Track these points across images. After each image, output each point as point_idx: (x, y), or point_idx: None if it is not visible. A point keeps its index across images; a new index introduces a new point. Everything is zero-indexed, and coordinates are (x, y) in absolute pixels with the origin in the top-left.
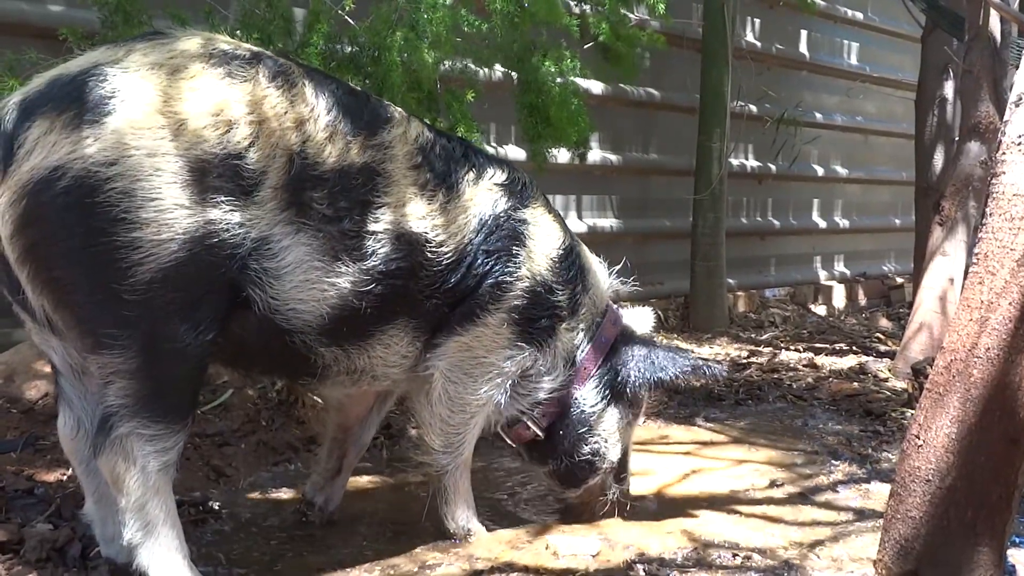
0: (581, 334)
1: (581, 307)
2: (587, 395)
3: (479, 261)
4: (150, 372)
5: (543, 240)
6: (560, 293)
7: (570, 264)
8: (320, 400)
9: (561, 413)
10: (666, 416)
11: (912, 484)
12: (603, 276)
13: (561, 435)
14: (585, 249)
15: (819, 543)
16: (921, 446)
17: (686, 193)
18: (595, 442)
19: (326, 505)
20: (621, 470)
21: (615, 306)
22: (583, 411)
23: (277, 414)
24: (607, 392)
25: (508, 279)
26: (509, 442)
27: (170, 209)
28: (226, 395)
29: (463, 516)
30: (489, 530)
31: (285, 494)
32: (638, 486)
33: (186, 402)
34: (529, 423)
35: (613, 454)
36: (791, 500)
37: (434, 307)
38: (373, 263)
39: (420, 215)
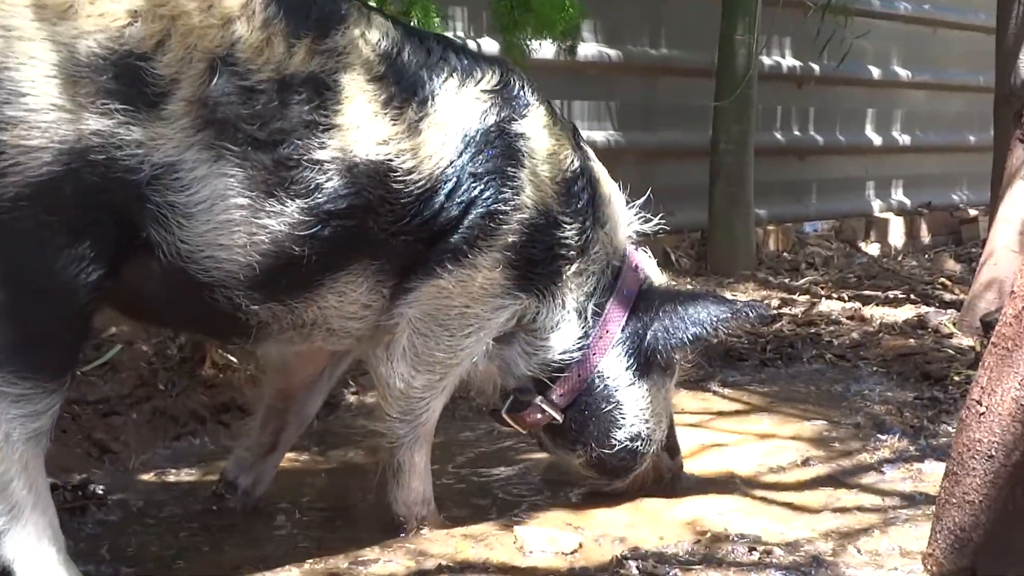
0: (594, 281)
1: (593, 246)
2: (613, 364)
3: (464, 187)
4: (16, 314)
5: (547, 159)
6: (568, 227)
7: (581, 190)
8: (233, 359)
9: (581, 389)
10: None
11: (971, 461)
12: (623, 210)
13: (586, 417)
14: (602, 171)
15: (857, 534)
16: (983, 414)
17: (705, 99)
18: (632, 424)
19: (253, 488)
20: (671, 443)
21: (635, 249)
22: (609, 386)
23: (178, 375)
24: (637, 359)
25: (503, 209)
26: (521, 429)
27: (44, 110)
28: (113, 351)
29: (417, 501)
30: (449, 519)
31: (189, 475)
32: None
33: (63, 356)
34: (544, 405)
35: (658, 433)
36: (825, 482)
37: (403, 246)
38: (318, 200)
39: (381, 139)
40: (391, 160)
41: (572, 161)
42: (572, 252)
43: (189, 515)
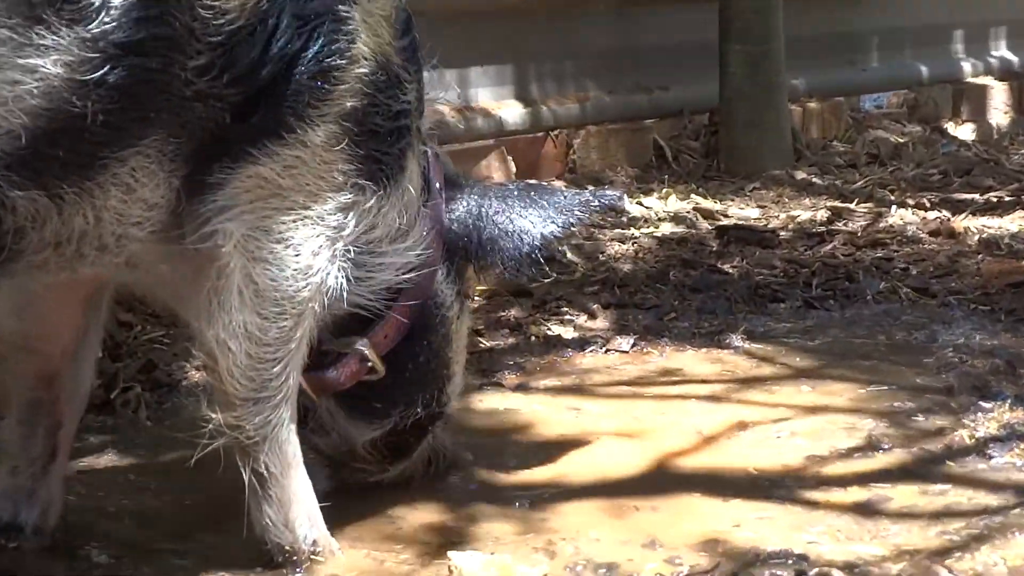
0: (418, 169)
1: (424, 121)
2: (443, 290)
3: (286, 33)
4: None
5: None
6: (409, 88)
7: (413, 37)
8: None
9: (413, 325)
10: (672, 332)
11: None
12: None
13: (413, 366)
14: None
15: (951, 550)
16: None
17: None
18: (456, 372)
19: (43, 520)
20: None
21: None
22: (442, 319)
23: None
24: (459, 281)
25: (336, 61)
26: (313, 395)
27: None
28: None
29: (298, 520)
30: (348, 543)
31: None
32: (621, 456)
33: None
34: (368, 352)
35: (457, 386)
36: (901, 475)
37: (208, 114)
38: (107, 26)
39: None
40: None
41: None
42: (414, 125)
43: None
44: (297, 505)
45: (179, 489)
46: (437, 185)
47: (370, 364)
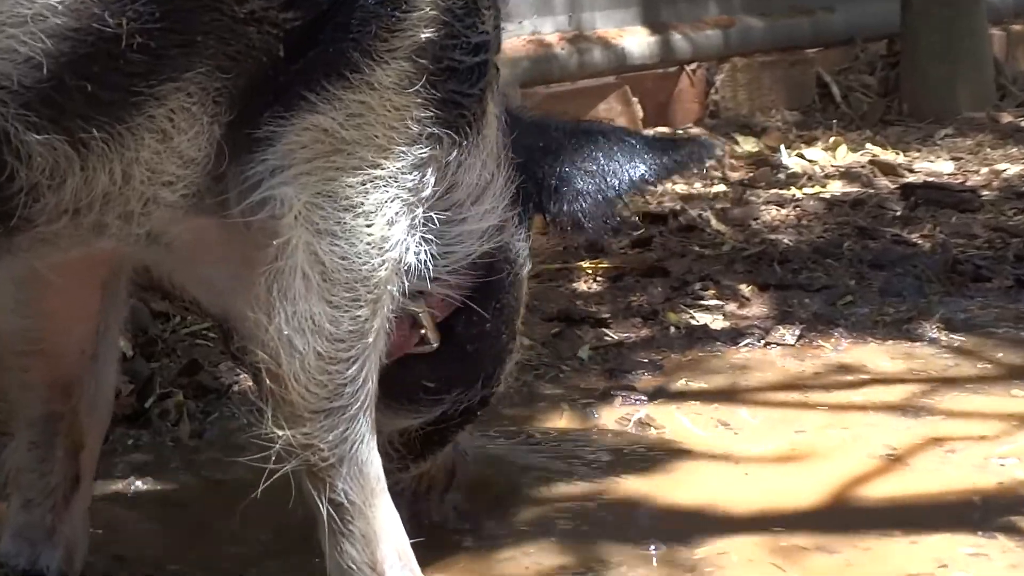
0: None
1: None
2: (516, 238)
3: None
4: None
5: None
6: (487, 16)
7: None
8: None
9: (484, 283)
10: (848, 321)
11: None
12: None
13: (480, 335)
14: None
15: None
16: None
17: None
18: (515, 342)
19: (68, 563)
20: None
21: None
22: (516, 276)
23: None
24: (528, 229)
25: None
26: None
27: None
28: None
29: (390, 560)
30: None
31: None
32: (785, 483)
33: None
34: (425, 319)
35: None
36: None
37: (261, 43)
38: None
39: None
40: None
41: None
42: (492, 59)
43: None
44: (385, 542)
45: (230, 529)
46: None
47: (423, 332)
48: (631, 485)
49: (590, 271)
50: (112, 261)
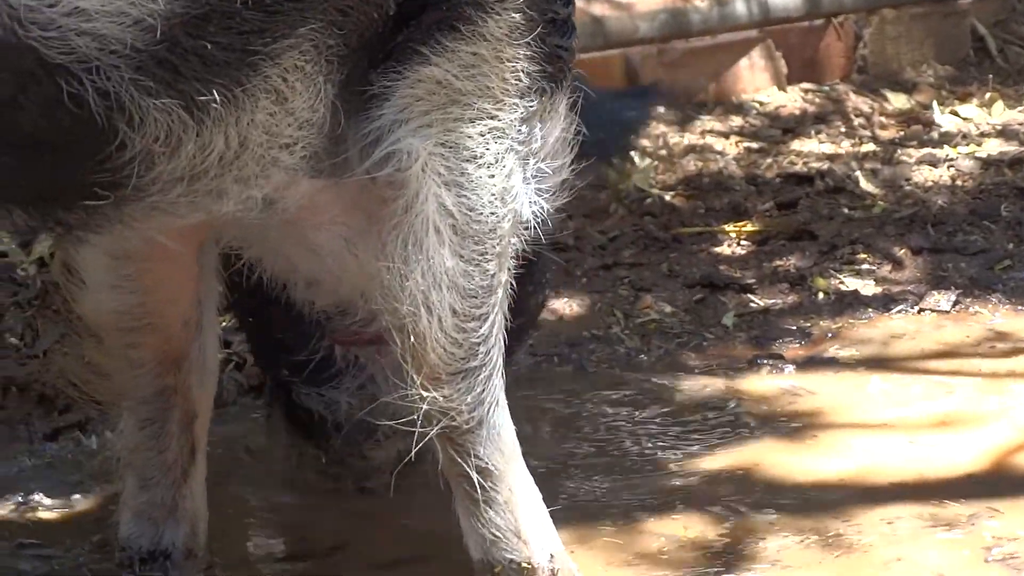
0: None
1: None
2: None
3: None
4: None
5: None
6: None
7: None
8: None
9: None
10: (1006, 286)
11: None
12: None
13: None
14: None
15: None
16: None
17: None
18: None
19: (193, 538)
20: None
21: None
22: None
23: (47, 318)
24: None
25: None
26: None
27: None
28: None
29: (534, 528)
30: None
31: (80, 509)
32: (942, 453)
33: None
34: None
35: None
36: None
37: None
38: None
39: None
40: None
41: None
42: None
43: None
44: (527, 507)
45: (365, 502)
46: None
47: None
48: (780, 455)
49: (734, 234)
50: (206, 232)
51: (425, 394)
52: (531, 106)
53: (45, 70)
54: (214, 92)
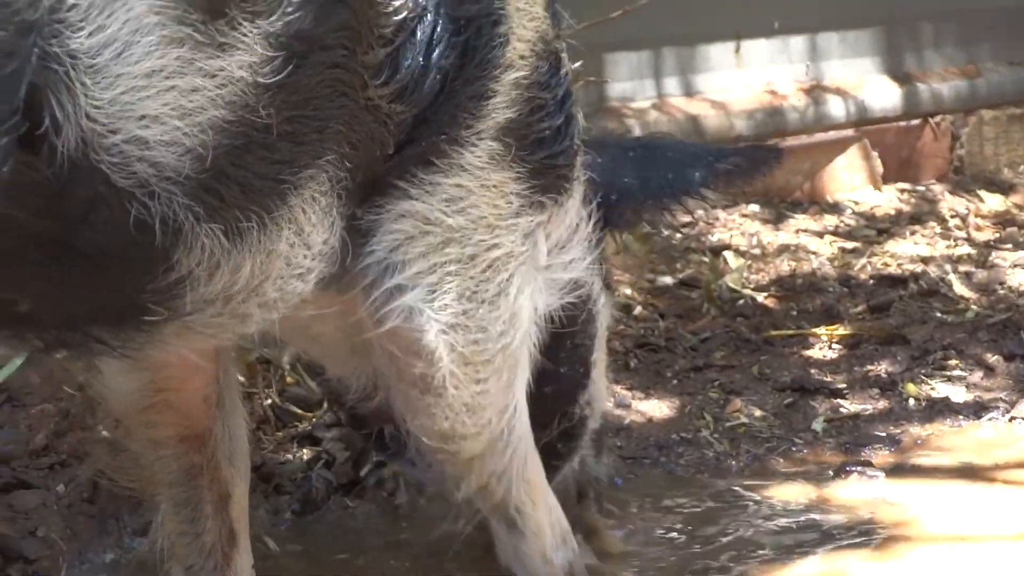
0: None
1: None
2: (591, 272)
3: (443, 38)
4: None
5: None
6: (563, 56)
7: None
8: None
9: (565, 315)
10: None
11: None
12: None
13: (554, 375)
14: None
15: None
16: None
17: None
18: (593, 380)
19: None
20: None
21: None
22: (591, 313)
23: None
24: (602, 258)
25: (490, 70)
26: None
27: None
28: (9, 367)
29: (554, 546)
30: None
31: None
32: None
33: None
34: None
35: (600, 399)
36: None
37: (376, 133)
38: (289, 18)
39: None
40: None
41: None
42: (574, 98)
43: None
44: (550, 532)
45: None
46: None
47: None
48: (866, 566)
49: (825, 338)
50: None
51: (459, 482)
52: (532, 221)
53: (112, 192)
54: (249, 220)
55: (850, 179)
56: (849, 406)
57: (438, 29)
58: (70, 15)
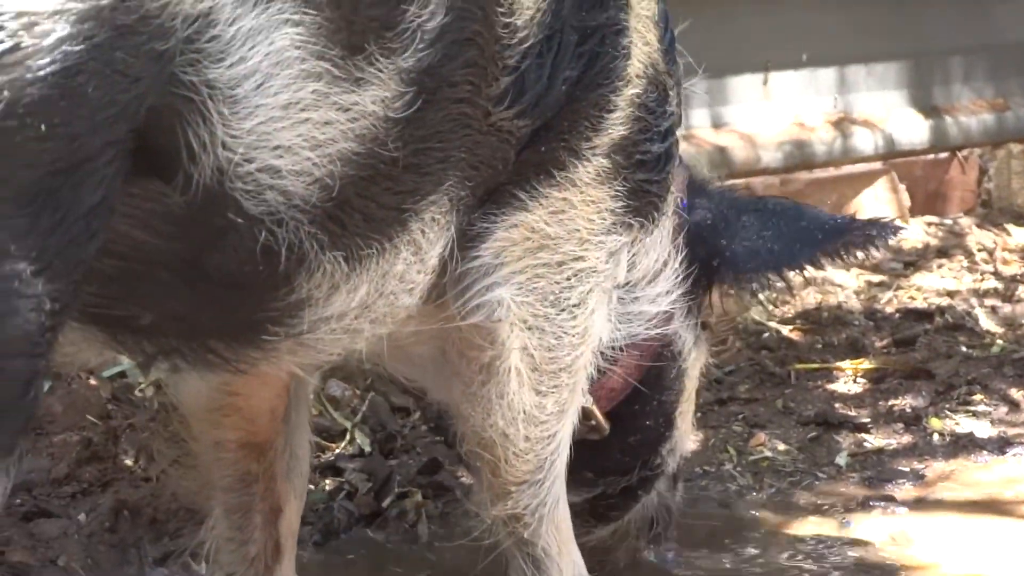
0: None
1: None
2: (683, 328)
3: (569, 48)
4: None
5: None
6: (673, 96)
7: (671, 32)
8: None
9: (649, 377)
10: None
11: None
12: None
13: (639, 427)
14: None
15: None
16: None
17: None
18: (676, 429)
19: None
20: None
21: None
22: (680, 369)
23: (159, 440)
24: (696, 314)
25: (613, 83)
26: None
27: None
28: None
29: None
30: None
31: None
32: None
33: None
34: (589, 405)
35: (682, 443)
36: None
37: (497, 153)
38: (421, 54)
39: None
40: None
41: None
42: (677, 139)
43: None
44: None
45: None
46: (681, 201)
47: (592, 423)
48: None
49: (850, 372)
50: None
51: (495, 502)
52: (618, 240)
53: (243, 219)
54: (372, 246)
55: (877, 212)
56: (873, 440)
57: (563, 44)
58: (209, 46)
